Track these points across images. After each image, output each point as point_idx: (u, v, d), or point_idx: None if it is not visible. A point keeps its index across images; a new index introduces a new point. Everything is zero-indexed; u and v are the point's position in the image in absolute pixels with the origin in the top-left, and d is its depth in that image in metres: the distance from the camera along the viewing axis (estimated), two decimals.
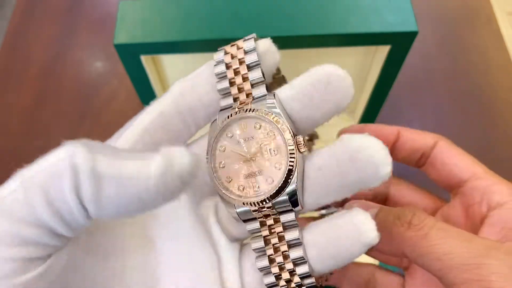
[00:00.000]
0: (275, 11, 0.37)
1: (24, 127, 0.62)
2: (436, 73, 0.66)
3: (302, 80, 0.20)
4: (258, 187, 0.20)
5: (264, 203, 0.19)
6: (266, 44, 0.20)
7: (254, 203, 0.19)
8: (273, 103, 0.20)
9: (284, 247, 0.19)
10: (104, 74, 0.67)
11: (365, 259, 0.47)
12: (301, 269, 0.19)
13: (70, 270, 0.16)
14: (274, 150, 0.20)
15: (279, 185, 0.19)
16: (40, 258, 0.15)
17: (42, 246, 0.15)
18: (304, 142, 0.20)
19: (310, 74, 0.20)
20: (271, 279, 0.20)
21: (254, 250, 0.20)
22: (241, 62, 0.20)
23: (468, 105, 0.64)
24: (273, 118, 0.19)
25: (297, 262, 0.19)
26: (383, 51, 0.40)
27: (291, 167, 0.19)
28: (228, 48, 0.21)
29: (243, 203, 0.19)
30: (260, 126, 0.20)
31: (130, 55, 0.38)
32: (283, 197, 0.19)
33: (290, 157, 0.19)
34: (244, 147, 0.20)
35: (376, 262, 0.47)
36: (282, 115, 0.19)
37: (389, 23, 0.37)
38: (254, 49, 0.20)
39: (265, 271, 0.20)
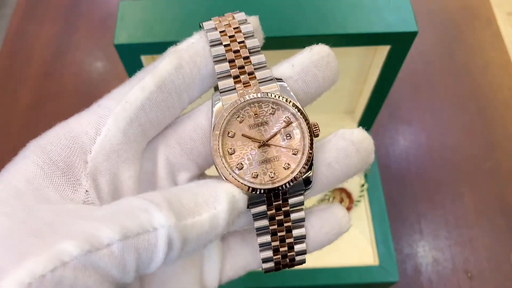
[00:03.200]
0: (275, 12, 0.38)
1: (24, 127, 0.62)
2: (436, 73, 0.66)
3: (304, 59, 0.20)
4: (274, 173, 0.19)
5: (281, 188, 0.19)
6: (256, 22, 0.21)
7: (269, 189, 0.19)
8: (287, 86, 0.19)
9: (288, 222, 0.20)
10: (104, 74, 0.67)
11: (366, 261, 0.47)
12: (300, 247, 0.21)
13: None
14: (289, 135, 0.19)
15: (298, 171, 0.19)
16: None
17: None
18: (318, 126, 0.20)
19: (312, 53, 0.20)
20: (268, 253, 0.20)
21: (257, 229, 0.20)
22: (241, 46, 0.20)
23: (468, 104, 0.64)
24: (289, 103, 0.19)
25: (297, 241, 0.20)
26: (383, 51, 0.40)
27: (310, 154, 0.19)
28: (221, 26, 0.20)
29: (259, 190, 0.19)
30: (275, 110, 0.19)
31: (130, 55, 0.38)
32: (300, 181, 0.19)
33: (310, 144, 0.19)
34: (257, 132, 0.19)
35: (375, 263, 0.48)
36: (297, 102, 0.19)
37: (389, 23, 0.37)
38: (253, 34, 0.20)
39: (264, 247, 0.20)
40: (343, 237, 0.22)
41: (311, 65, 0.20)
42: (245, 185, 0.19)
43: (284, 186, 0.19)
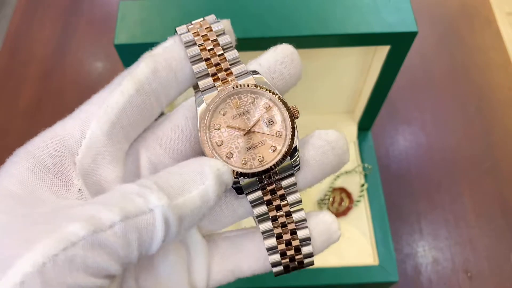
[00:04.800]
0: (275, 11, 0.38)
1: (25, 127, 0.62)
2: (436, 73, 0.67)
3: (269, 57, 0.21)
4: (262, 156, 0.20)
5: (272, 168, 0.20)
6: (228, 25, 0.22)
7: (259, 172, 0.20)
8: (260, 77, 0.21)
9: (292, 225, 0.21)
10: (104, 74, 0.67)
11: (366, 261, 0.48)
12: (307, 249, 0.21)
13: None
14: (271, 120, 0.21)
15: (285, 150, 0.20)
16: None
17: (112, 279, 0.16)
18: (297, 108, 0.21)
19: (276, 52, 0.22)
20: (276, 258, 0.21)
21: (257, 216, 0.21)
22: (214, 44, 0.21)
23: (468, 104, 0.64)
24: (266, 90, 0.20)
25: (303, 243, 0.21)
26: (383, 51, 0.40)
27: (293, 130, 0.20)
28: (193, 28, 0.21)
29: (251, 174, 0.20)
30: (254, 99, 0.21)
31: (130, 55, 0.38)
32: (287, 162, 0.20)
33: (291, 123, 0.20)
34: (241, 121, 0.20)
35: (375, 263, 0.48)
36: (273, 88, 0.21)
37: (389, 23, 0.37)
38: (224, 32, 0.21)
39: (273, 249, 0.21)
40: (343, 237, 0.22)
41: (277, 63, 0.21)
42: (237, 172, 0.20)
43: (273, 166, 0.20)
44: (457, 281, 0.52)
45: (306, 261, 0.21)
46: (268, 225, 0.21)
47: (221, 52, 0.21)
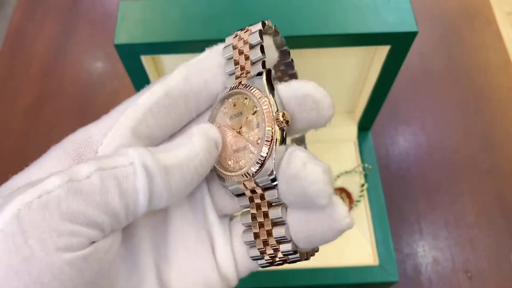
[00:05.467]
0: (275, 11, 0.38)
1: (25, 127, 0.62)
2: (436, 73, 0.67)
3: (299, 88, 0.19)
4: (242, 161, 0.19)
5: (245, 176, 0.19)
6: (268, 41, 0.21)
7: (240, 175, 0.19)
8: (261, 78, 0.19)
9: (268, 226, 0.19)
10: (104, 74, 0.67)
11: (366, 261, 0.48)
12: (284, 247, 0.19)
13: (104, 263, 0.17)
14: (257, 124, 0.19)
15: (256, 160, 0.19)
16: (96, 240, 0.16)
17: (102, 231, 0.16)
18: (283, 117, 0.18)
19: (308, 88, 0.19)
20: (255, 252, 0.20)
21: (242, 224, 0.20)
22: (246, 57, 0.20)
23: (468, 104, 0.64)
24: (254, 91, 0.19)
25: (280, 241, 0.19)
26: (383, 51, 0.40)
27: (267, 141, 0.18)
28: (236, 40, 0.21)
29: (232, 178, 0.19)
30: (247, 100, 0.20)
31: (130, 55, 0.38)
32: (263, 173, 0.18)
33: (267, 130, 0.18)
34: (233, 122, 0.20)
35: (375, 263, 0.48)
36: (267, 90, 0.19)
37: (389, 23, 0.37)
38: (259, 43, 0.20)
39: (251, 244, 0.20)
40: (343, 237, 0.21)
41: (304, 96, 0.20)
42: (224, 173, 0.20)
43: (245, 175, 0.19)
44: (457, 281, 0.52)
45: (290, 257, 0.20)
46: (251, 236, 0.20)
47: (249, 66, 0.20)
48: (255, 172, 0.19)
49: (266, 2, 0.38)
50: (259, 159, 0.18)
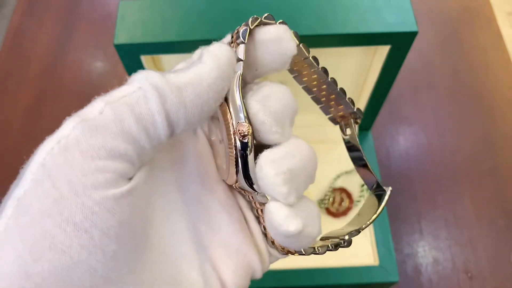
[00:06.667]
0: (275, 11, 0.38)
1: (25, 127, 0.62)
2: (436, 73, 0.66)
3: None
4: (225, 166, 0.19)
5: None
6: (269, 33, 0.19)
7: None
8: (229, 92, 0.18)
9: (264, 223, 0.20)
10: (104, 74, 0.67)
11: (366, 261, 0.47)
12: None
13: (146, 197, 0.17)
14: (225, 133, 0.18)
15: (231, 173, 0.18)
16: (127, 176, 0.16)
17: (130, 162, 0.16)
18: (247, 131, 0.17)
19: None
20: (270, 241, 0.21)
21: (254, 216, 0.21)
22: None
23: (468, 104, 0.64)
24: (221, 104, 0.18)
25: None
26: (383, 51, 0.40)
27: (233, 157, 0.18)
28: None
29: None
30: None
31: (130, 55, 0.38)
32: (242, 180, 0.18)
33: (229, 151, 0.18)
34: (219, 128, 0.20)
35: (376, 263, 0.48)
36: (235, 95, 0.17)
37: (389, 23, 0.37)
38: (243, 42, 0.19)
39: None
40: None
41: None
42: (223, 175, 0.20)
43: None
44: (457, 281, 0.52)
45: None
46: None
47: None
48: (235, 181, 0.18)
49: (266, 2, 0.38)
50: (231, 177, 0.18)
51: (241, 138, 0.17)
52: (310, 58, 0.20)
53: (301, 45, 0.19)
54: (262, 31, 0.18)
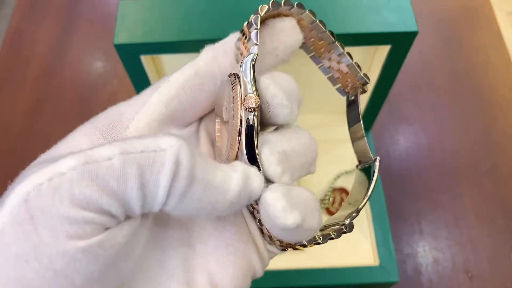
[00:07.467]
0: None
1: (24, 127, 0.62)
2: (436, 73, 0.66)
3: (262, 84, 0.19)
4: (225, 147, 0.19)
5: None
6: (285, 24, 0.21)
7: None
8: (243, 67, 0.18)
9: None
10: (104, 74, 0.67)
11: (366, 261, 0.47)
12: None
13: (122, 247, 0.16)
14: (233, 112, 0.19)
15: (232, 147, 0.18)
16: (112, 226, 0.15)
17: (117, 220, 0.15)
18: (248, 100, 0.17)
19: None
20: (267, 237, 0.20)
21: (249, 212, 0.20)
22: (245, 47, 0.20)
23: (468, 104, 0.64)
24: (232, 78, 0.19)
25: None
26: (383, 51, 0.40)
27: (237, 130, 0.18)
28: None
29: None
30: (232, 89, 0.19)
31: (130, 55, 0.38)
32: (244, 159, 0.18)
33: (234, 123, 0.18)
34: (225, 112, 0.20)
35: (376, 263, 0.48)
36: (248, 76, 0.18)
37: (389, 23, 0.37)
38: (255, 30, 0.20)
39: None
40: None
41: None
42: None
43: (227, 160, 0.19)
44: (458, 281, 0.52)
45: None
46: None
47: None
48: (232, 158, 0.18)
49: (266, 2, 0.38)
50: (230, 155, 0.18)
51: (248, 110, 0.17)
52: (317, 22, 0.22)
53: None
54: (279, 20, 0.21)
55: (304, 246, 0.19)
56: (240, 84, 0.18)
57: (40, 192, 0.13)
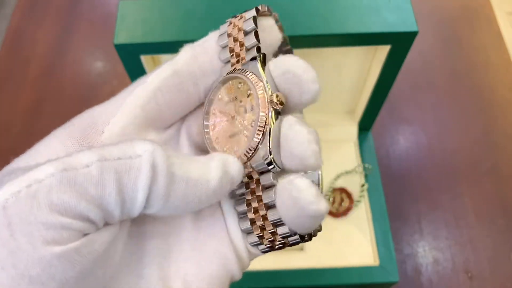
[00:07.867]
0: (275, 11, 0.37)
1: (24, 127, 0.62)
2: (436, 73, 0.66)
3: (282, 63, 0.19)
4: (236, 147, 0.19)
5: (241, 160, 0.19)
6: (268, 23, 0.22)
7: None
8: (255, 64, 0.19)
9: (263, 211, 0.19)
10: (104, 74, 0.67)
11: (366, 261, 0.47)
12: (281, 230, 0.18)
13: (100, 254, 0.16)
14: (251, 107, 0.19)
15: (251, 143, 0.18)
16: (90, 232, 0.15)
17: (96, 225, 0.15)
18: (278, 99, 0.18)
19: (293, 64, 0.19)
20: (254, 238, 0.19)
21: (239, 212, 0.20)
22: (241, 44, 0.20)
23: (468, 104, 0.64)
24: (248, 75, 0.19)
25: (276, 223, 0.18)
26: (383, 51, 0.40)
27: (261, 125, 0.18)
28: (230, 27, 0.21)
29: None
30: (241, 85, 0.20)
31: (130, 55, 0.38)
32: (258, 157, 0.18)
33: (261, 114, 0.18)
34: (228, 107, 0.20)
35: (376, 263, 0.48)
36: (262, 74, 0.19)
37: (389, 23, 0.37)
38: (253, 29, 0.20)
39: (248, 231, 0.20)
40: (343, 237, 0.21)
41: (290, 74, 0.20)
42: None
43: (242, 157, 0.19)
44: (458, 281, 0.52)
45: (289, 239, 0.19)
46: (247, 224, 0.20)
47: (244, 54, 0.20)
48: (250, 156, 0.18)
49: (265, 2, 0.38)
50: (252, 145, 0.18)
51: (275, 106, 0.18)
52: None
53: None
54: (264, 19, 0.22)
55: (305, 240, 0.19)
56: (263, 82, 0.18)
57: (18, 199, 0.14)
